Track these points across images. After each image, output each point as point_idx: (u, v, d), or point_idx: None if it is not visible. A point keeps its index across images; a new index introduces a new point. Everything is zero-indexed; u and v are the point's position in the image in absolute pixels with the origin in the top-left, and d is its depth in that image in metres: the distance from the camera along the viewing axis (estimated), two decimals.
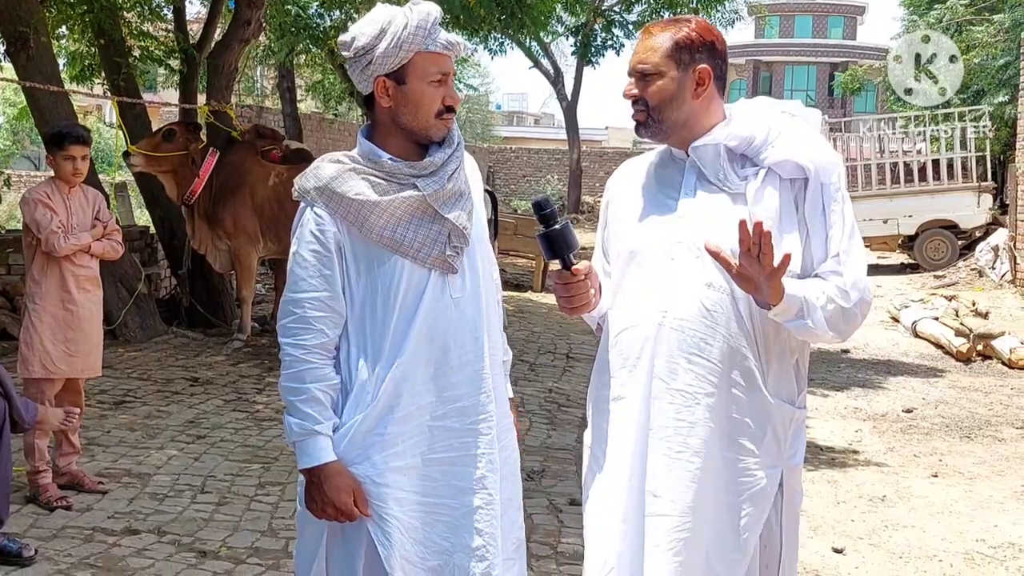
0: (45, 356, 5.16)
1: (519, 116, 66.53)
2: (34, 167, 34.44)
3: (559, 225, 2.56)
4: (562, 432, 6.86)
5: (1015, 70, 18.01)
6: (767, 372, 2.56)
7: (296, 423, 2.51)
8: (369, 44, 2.48)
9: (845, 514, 5.64)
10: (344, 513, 2.49)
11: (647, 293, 2.58)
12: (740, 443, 2.54)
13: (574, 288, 2.62)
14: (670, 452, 2.52)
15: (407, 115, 2.53)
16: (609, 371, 2.66)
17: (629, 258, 2.63)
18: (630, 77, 2.63)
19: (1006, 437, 7.55)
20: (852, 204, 2.58)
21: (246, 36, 10.94)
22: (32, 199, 5.23)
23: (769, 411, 2.55)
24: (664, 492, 2.52)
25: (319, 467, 2.49)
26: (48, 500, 5.08)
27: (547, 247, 2.59)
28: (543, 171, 38.07)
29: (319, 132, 22.39)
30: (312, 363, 2.51)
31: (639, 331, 2.58)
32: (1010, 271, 16.22)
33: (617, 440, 2.61)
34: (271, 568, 4.47)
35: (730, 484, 2.54)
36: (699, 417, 2.52)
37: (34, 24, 8.57)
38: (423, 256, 2.52)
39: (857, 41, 54.30)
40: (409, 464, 2.54)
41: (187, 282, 10.45)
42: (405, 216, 2.52)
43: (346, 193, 2.50)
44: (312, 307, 2.51)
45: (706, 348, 2.51)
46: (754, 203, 2.50)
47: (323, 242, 2.51)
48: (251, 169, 9.43)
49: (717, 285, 2.52)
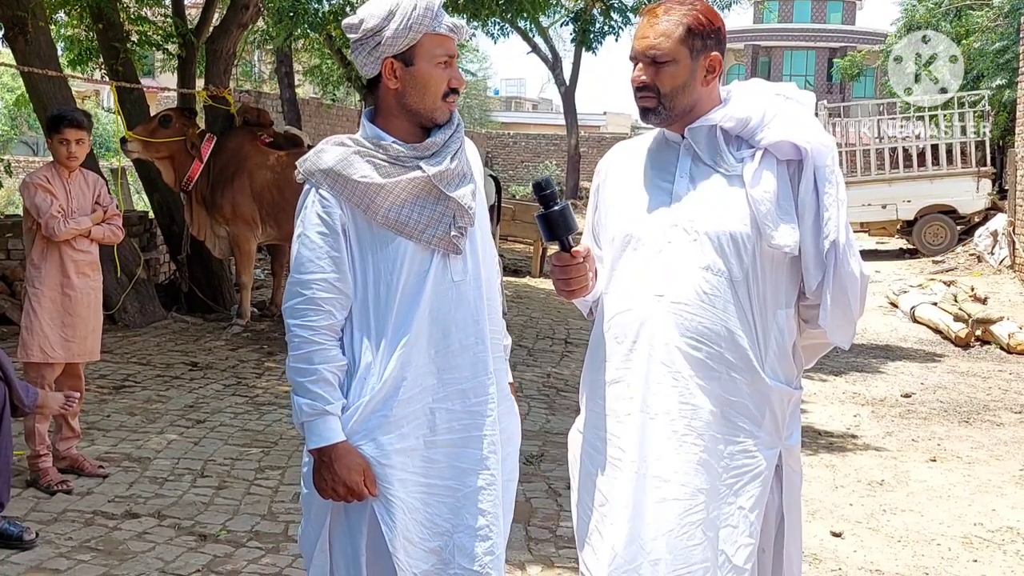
0: (44, 340, 5.17)
1: (517, 101, 66.35)
2: (33, 152, 34.36)
3: (559, 207, 2.54)
4: (561, 417, 6.87)
5: (1013, 54, 17.99)
6: (764, 355, 2.56)
7: (306, 403, 2.51)
8: (378, 25, 2.50)
9: (843, 498, 5.65)
10: (354, 492, 2.50)
11: (643, 276, 2.57)
12: (740, 425, 2.54)
13: (573, 271, 2.60)
14: (675, 436, 2.51)
15: (414, 97, 2.55)
16: (604, 354, 2.64)
17: (624, 242, 2.62)
18: (635, 62, 2.59)
19: (1004, 422, 7.57)
20: (851, 190, 2.61)
21: (244, 21, 10.92)
22: (32, 183, 5.22)
23: (767, 393, 2.56)
24: (672, 476, 2.51)
25: (329, 447, 2.50)
26: (48, 484, 5.10)
27: (546, 229, 2.57)
28: (541, 156, 38.05)
29: (317, 117, 22.35)
30: (320, 344, 2.52)
31: (635, 314, 2.57)
32: (1009, 256, 16.22)
33: (617, 424, 2.58)
34: (271, 552, 4.48)
35: (733, 466, 2.54)
36: (701, 400, 2.51)
37: (32, 8, 8.55)
38: (428, 237, 2.53)
39: (856, 26, 54.16)
40: (412, 446, 2.56)
41: (186, 267, 10.45)
42: (410, 198, 2.53)
43: (351, 176, 2.51)
44: (320, 288, 2.52)
45: (705, 331, 2.51)
46: (752, 185, 2.50)
47: (329, 224, 2.53)
48: (249, 155, 9.42)
49: (715, 268, 2.51)
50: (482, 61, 50.93)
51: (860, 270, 2.56)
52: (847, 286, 2.54)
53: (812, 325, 2.63)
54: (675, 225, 2.54)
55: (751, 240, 2.51)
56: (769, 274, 2.55)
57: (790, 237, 2.50)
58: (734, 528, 2.53)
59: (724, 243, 2.51)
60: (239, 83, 24.15)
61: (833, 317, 2.56)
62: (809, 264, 2.54)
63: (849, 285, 2.54)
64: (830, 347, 2.76)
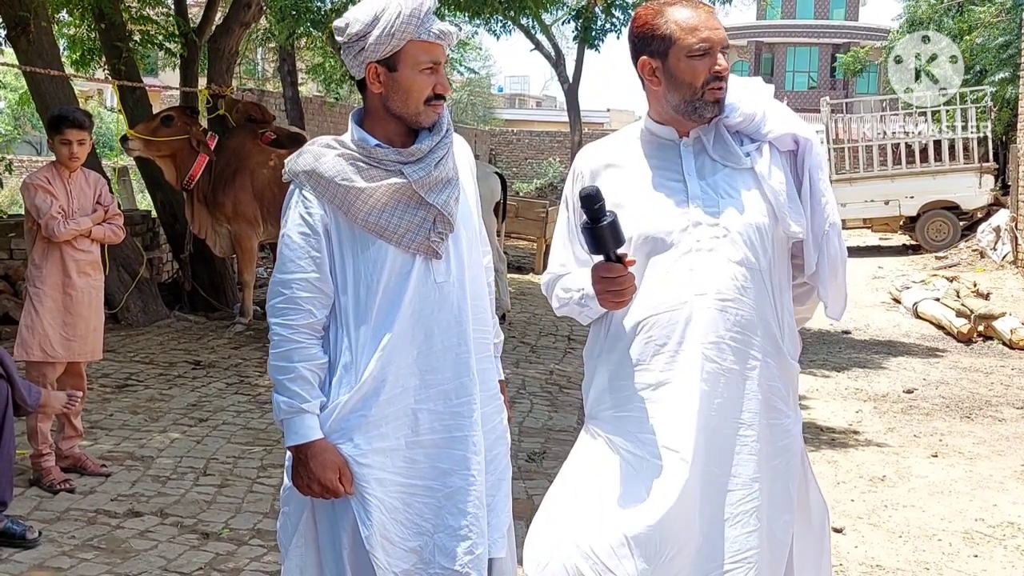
0: (45, 340, 5.19)
1: (521, 99, 66.38)
2: (36, 152, 34.39)
3: (607, 219, 2.45)
4: (563, 414, 6.88)
5: (1016, 49, 17.96)
6: (783, 336, 2.65)
7: (284, 401, 2.54)
8: (362, 31, 2.51)
9: (845, 494, 5.66)
10: (329, 490, 2.52)
11: (677, 277, 2.57)
12: (777, 407, 2.63)
13: (625, 281, 2.51)
14: (728, 429, 2.57)
15: (397, 101, 2.56)
16: (637, 359, 2.60)
17: (645, 245, 2.60)
18: (703, 54, 2.55)
19: (1006, 417, 7.57)
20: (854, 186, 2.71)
21: (246, 19, 10.95)
22: (32, 184, 5.24)
23: (791, 372, 2.67)
24: (724, 467, 2.56)
25: (306, 444, 2.53)
26: (51, 483, 5.11)
27: (593, 242, 2.49)
28: (545, 153, 38.01)
29: (320, 115, 22.37)
30: (300, 343, 2.54)
31: (676, 315, 2.56)
32: (1011, 252, 16.21)
33: (670, 425, 2.55)
34: (273, 550, 4.49)
35: (778, 447, 2.63)
36: (750, 390, 2.59)
37: (34, 8, 8.57)
38: (407, 242, 2.55)
39: (859, 22, 54.04)
40: (392, 446, 2.57)
41: (189, 266, 10.48)
42: (390, 203, 2.54)
43: (333, 178, 2.53)
44: (300, 287, 2.54)
45: (746, 323, 2.58)
46: (767, 177, 2.59)
47: (311, 224, 2.55)
48: (251, 153, 9.43)
49: (747, 262, 2.58)
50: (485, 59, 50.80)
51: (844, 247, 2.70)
52: (838, 263, 2.67)
53: (798, 302, 2.76)
54: (699, 223, 2.58)
55: (771, 230, 2.60)
56: (781, 260, 2.65)
57: (801, 224, 2.61)
58: (778, 505, 2.61)
59: (751, 236, 2.58)
60: (242, 81, 24.14)
61: (830, 292, 2.69)
62: (810, 247, 2.64)
63: (840, 262, 2.67)
64: (804, 322, 2.87)
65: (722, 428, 2.56)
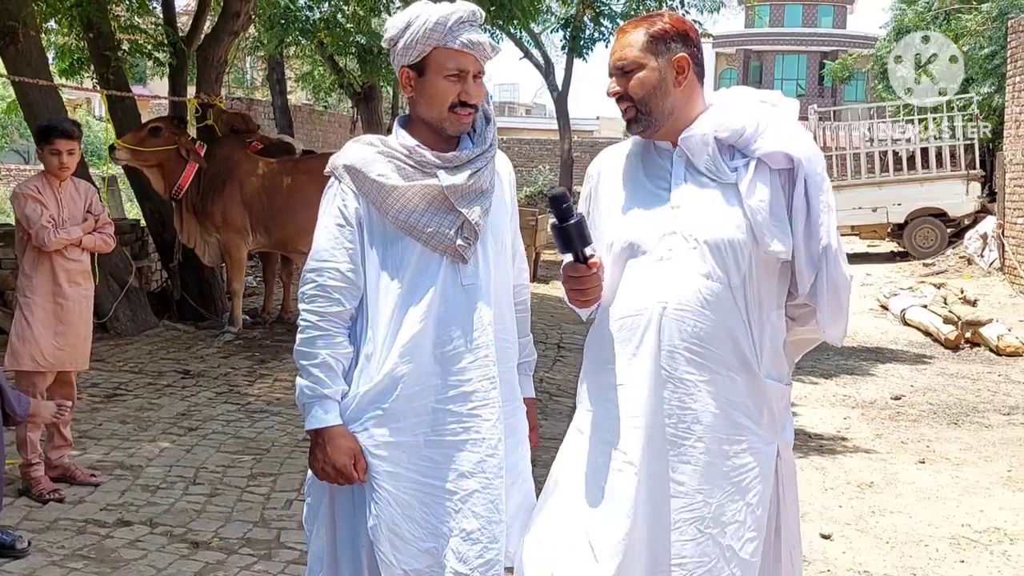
0: (35, 349, 5.18)
1: (510, 107, 66.37)
2: (24, 161, 34.31)
3: (575, 219, 2.58)
4: (553, 422, 6.89)
5: (1002, 59, 18.06)
6: (760, 355, 2.64)
7: (306, 385, 2.64)
8: (396, 36, 2.67)
9: (833, 500, 5.69)
10: (343, 475, 2.62)
11: (646, 283, 2.63)
12: (741, 424, 2.62)
13: (588, 281, 2.63)
14: (676, 438, 2.59)
15: (423, 105, 2.69)
16: (608, 358, 2.69)
17: (625, 249, 2.67)
18: (611, 77, 2.70)
19: (993, 423, 7.61)
20: (842, 193, 2.70)
21: (235, 28, 10.94)
22: (22, 194, 5.24)
23: (765, 391, 2.65)
24: (671, 476, 2.59)
25: (323, 429, 2.63)
26: (41, 493, 5.11)
27: (562, 241, 2.61)
28: (535, 161, 37.99)
29: (309, 123, 22.38)
30: (326, 330, 2.64)
31: (639, 320, 2.62)
32: (998, 259, 16.30)
33: (620, 426, 2.63)
34: (263, 558, 4.50)
35: (739, 465, 2.62)
36: (703, 403, 2.59)
37: (23, 18, 8.56)
38: (435, 242, 2.64)
39: (847, 30, 54.22)
40: (409, 441, 2.64)
41: (178, 275, 10.46)
42: (422, 203, 2.64)
43: (369, 174, 2.64)
44: (331, 276, 2.64)
45: (706, 336, 2.58)
46: (748, 195, 2.58)
47: (347, 216, 2.66)
48: (239, 162, 9.44)
49: (714, 275, 2.59)
50: None
51: (848, 271, 2.68)
52: (839, 287, 2.65)
53: (799, 323, 2.74)
54: (675, 233, 2.61)
55: (747, 247, 2.59)
56: (763, 278, 2.63)
57: (784, 244, 2.59)
58: (740, 524, 2.61)
59: (723, 251, 2.58)
60: (231, 90, 24.16)
61: (828, 316, 2.67)
62: (802, 267, 2.63)
63: (841, 286, 2.65)
64: (816, 343, 2.85)
65: (670, 436, 2.59)
